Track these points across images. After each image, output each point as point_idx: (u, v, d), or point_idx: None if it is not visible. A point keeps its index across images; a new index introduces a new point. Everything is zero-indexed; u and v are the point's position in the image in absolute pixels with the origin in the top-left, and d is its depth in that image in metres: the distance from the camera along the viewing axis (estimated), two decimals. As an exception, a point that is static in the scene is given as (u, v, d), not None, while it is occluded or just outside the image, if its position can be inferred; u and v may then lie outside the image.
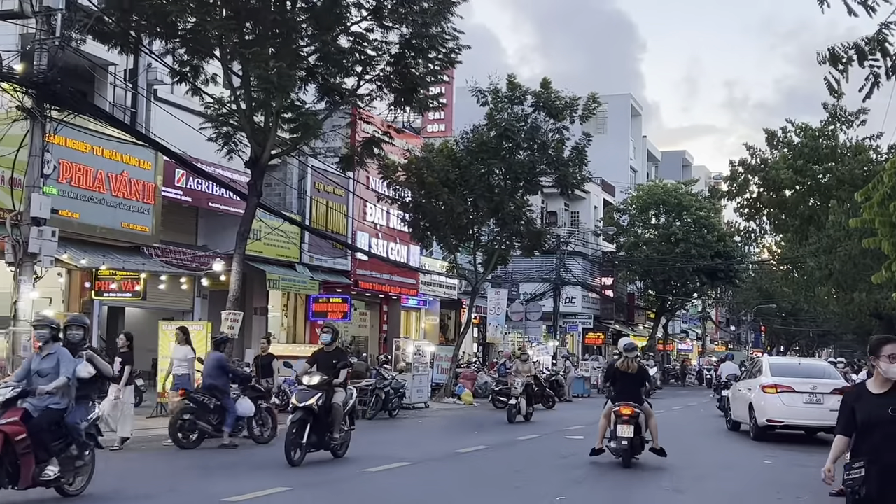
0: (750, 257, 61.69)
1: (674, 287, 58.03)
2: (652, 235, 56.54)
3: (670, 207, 55.75)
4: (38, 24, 17.26)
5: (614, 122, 66.97)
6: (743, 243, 48.10)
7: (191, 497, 11.60)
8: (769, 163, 35.70)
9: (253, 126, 22.37)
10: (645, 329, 65.01)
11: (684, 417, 27.23)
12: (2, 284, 20.81)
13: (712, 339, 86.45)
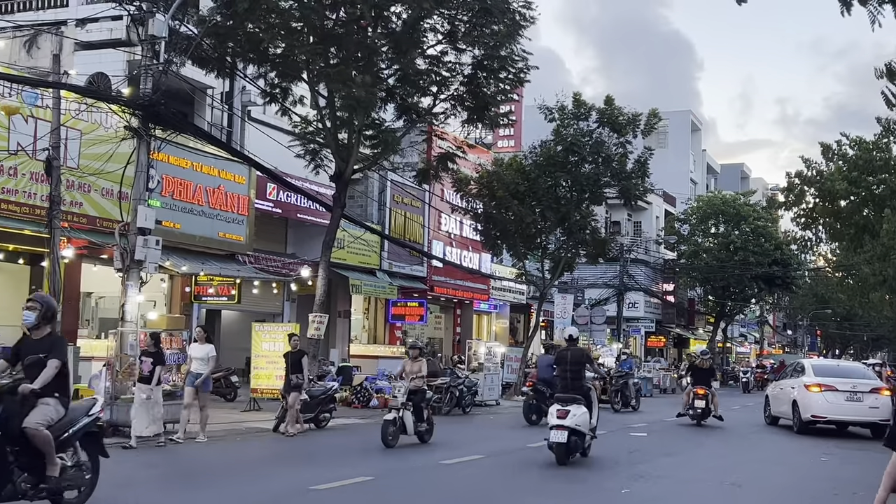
0: (806, 265, 60.41)
1: (732, 293, 56.99)
2: (711, 244, 55.65)
3: (729, 217, 54.83)
4: (143, 51, 17.59)
5: (675, 136, 66.12)
6: (799, 251, 47.02)
7: (282, 483, 11.71)
8: (825, 175, 34.81)
9: (337, 143, 22.58)
10: (705, 333, 63.93)
11: (744, 416, 26.72)
12: (111, 289, 21.35)
13: (769, 342, 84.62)
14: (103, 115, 20.85)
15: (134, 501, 10.23)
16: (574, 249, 35.17)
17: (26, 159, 19.46)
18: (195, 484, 11.60)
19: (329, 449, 16.09)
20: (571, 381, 14.70)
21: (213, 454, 14.60)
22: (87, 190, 21.19)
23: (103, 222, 21.12)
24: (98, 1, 22.47)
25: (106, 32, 22.16)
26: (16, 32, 21.88)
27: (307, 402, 18.41)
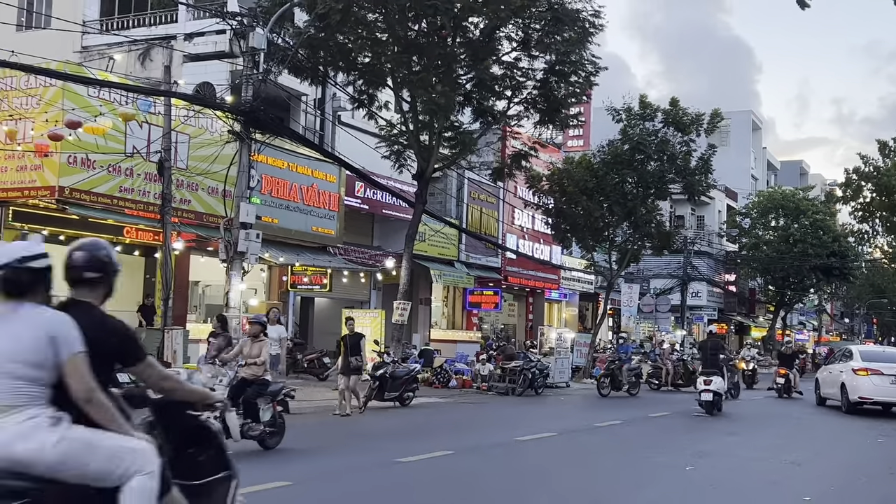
0: (863, 256, 58.64)
1: (792, 283, 55.58)
2: (771, 237, 54.39)
3: (789, 211, 53.49)
4: (244, 62, 17.98)
5: (736, 134, 64.72)
6: (856, 243, 45.85)
7: (370, 457, 11.88)
8: (881, 170, 33.90)
9: (419, 144, 22.72)
10: (765, 321, 62.57)
11: (797, 398, 26.16)
12: (216, 278, 21.88)
13: (827, 329, 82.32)
14: (209, 120, 21.39)
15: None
16: (640, 242, 34.80)
17: (141, 161, 20.06)
18: (285, 458, 11.84)
19: (412, 425, 16.25)
20: (711, 361, 19.78)
21: (304, 431, 14.87)
22: (195, 188, 21.73)
23: (209, 218, 21.64)
24: (204, 17, 23.00)
25: (211, 45, 22.57)
26: (131, 47, 22.49)
27: (393, 381, 18.61)
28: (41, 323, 3.64)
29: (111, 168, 19.58)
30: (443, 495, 9.15)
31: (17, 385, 3.56)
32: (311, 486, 9.19)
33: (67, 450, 3.56)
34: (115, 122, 18.55)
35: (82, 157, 19.02)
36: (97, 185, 19.43)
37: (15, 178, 19.14)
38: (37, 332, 3.61)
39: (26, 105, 19.14)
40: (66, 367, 3.62)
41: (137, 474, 3.70)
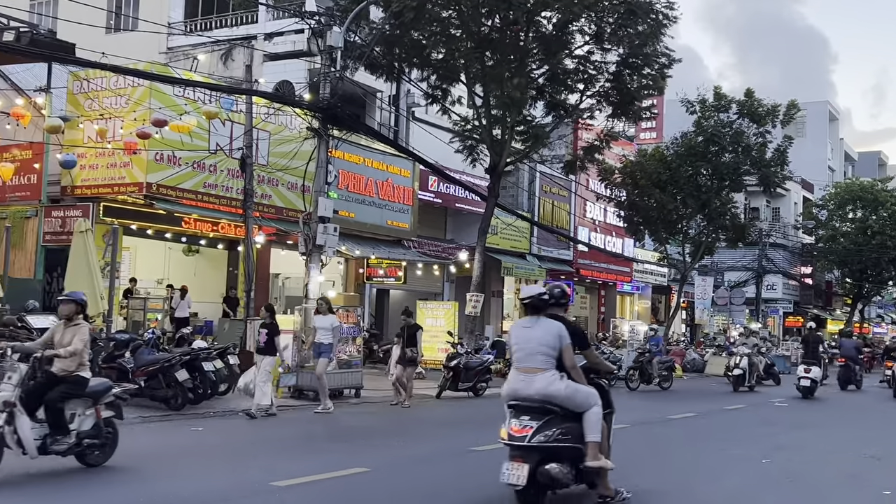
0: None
1: (870, 275, 53.82)
2: (849, 228, 52.74)
3: (866, 203, 51.83)
4: (322, 60, 18.17)
5: (812, 125, 62.90)
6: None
7: (444, 445, 11.96)
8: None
9: (492, 139, 22.68)
10: (842, 314, 60.80)
11: (873, 392, 25.42)
12: (295, 270, 22.23)
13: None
14: (288, 117, 21.72)
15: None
16: (714, 234, 34.22)
17: (224, 158, 20.49)
18: (361, 444, 11.97)
19: (486, 414, 16.22)
20: (812, 353, 22.46)
21: (379, 419, 15.01)
22: (275, 184, 22.12)
23: (289, 212, 22.01)
24: (283, 17, 23.37)
25: (290, 45, 22.94)
26: (214, 47, 22.99)
27: (466, 372, 18.65)
28: (553, 327, 7.28)
29: (196, 165, 20.06)
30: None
31: (546, 358, 7.18)
32: (388, 473, 9.28)
33: (569, 392, 7.19)
34: (200, 121, 18.98)
35: (168, 155, 19.52)
36: (183, 181, 19.91)
37: (105, 174, 19.75)
38: (551, 331, 7.24)
39: (116, 105, 19.73)
40: (563, 351, 7.24)
41: (594, 406, 7.31)
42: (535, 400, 7.13)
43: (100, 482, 8.26)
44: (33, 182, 20.02)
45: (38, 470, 8.42)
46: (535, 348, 7.17)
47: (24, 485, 8.00)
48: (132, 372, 13.60)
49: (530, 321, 7.35)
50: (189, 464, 9.60)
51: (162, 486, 7.96)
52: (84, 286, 15.02)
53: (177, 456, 10.19)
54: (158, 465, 9.37)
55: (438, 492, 8.42)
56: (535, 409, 7.11)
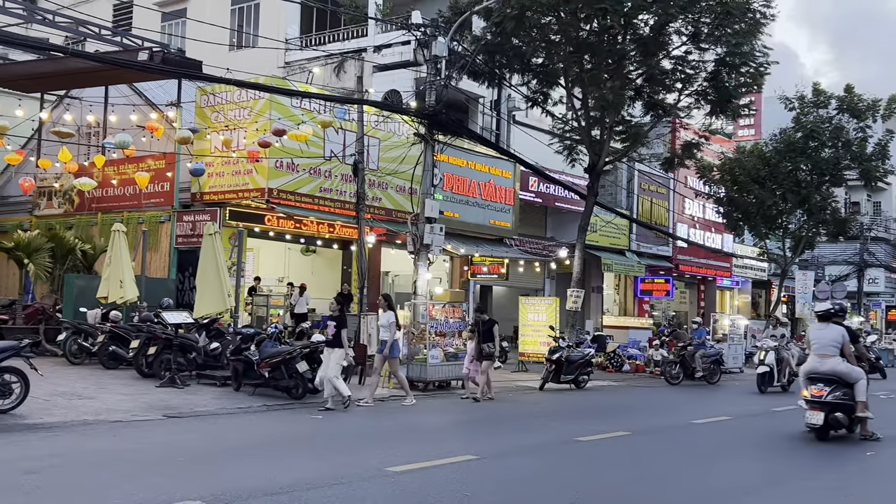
0: None
1: (975, 267, 51.04)
2: (953, 221, 50.12)
3: (972, 196, 49.11)
4: (428, 69, 18.39)
5: (917, 118, 59.81)
6: None
7: (551, 434, 11.98)
8: None
9: (591, 139, 22.52)
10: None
11: None
12: (404, 268, 22.58)
13: None
14: (397, 124, 22.09)
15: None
16: (814, 229, 33.03)
17: (337, 164, 21.00)
18: (470, 434, 12.09)
19: (588, 406, 16.20)
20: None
21: (485, 409, 15.11)
22: (385, 187, 22.50)
23: (398, 214, 22.35)
24: (391, 30, 23.76)
25: (398, 56, 23.30)
26: (327, 60, 23.56)
27: (568, 365, 18.58)
28: (838, 330, 11.42)
29: (312, 171, 20.60)
30: (627, 472, 9.10)
31: (833, 349, 11.34)
32: (496, 461, 9.38)
33: (848, 370, 11.25)
34: (315, 129, 19.51)
35: (287, 162, 20.11)
36: (300, 186, 20.49)
37: (230, 181, 20.50)
38: (837, 332, 11.39)
39: (239, 116, 20.45)
40: (844, 346, 11.31)
41: (862, 379, 11.34)
42: (826, 374, 11.32)
43: (226, 463, 8.65)
44: (166, 189, 20.96)
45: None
46: (827, 343, 11.39)
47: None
48: (257, 364, 14.08)
49: (822, 326, 11.56)
50: (309, 448, 9.93)
51: (284, 468, 8.28)
52: (213, 285, 15.70)
53: (298, 441, 10.55)
54: (281, 449, 9.73)
55: (545, 480, 8.48)
56: (827, 380, 11.26)
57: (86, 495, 6.99)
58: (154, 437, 10.29)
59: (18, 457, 8.48)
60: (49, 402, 11.86)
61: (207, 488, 7.28)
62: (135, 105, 21.18)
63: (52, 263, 20.39)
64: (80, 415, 11.15)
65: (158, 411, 11.94)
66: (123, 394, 13.36)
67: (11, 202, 25.39)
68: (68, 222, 22.71)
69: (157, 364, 15.24)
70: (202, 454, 9.15)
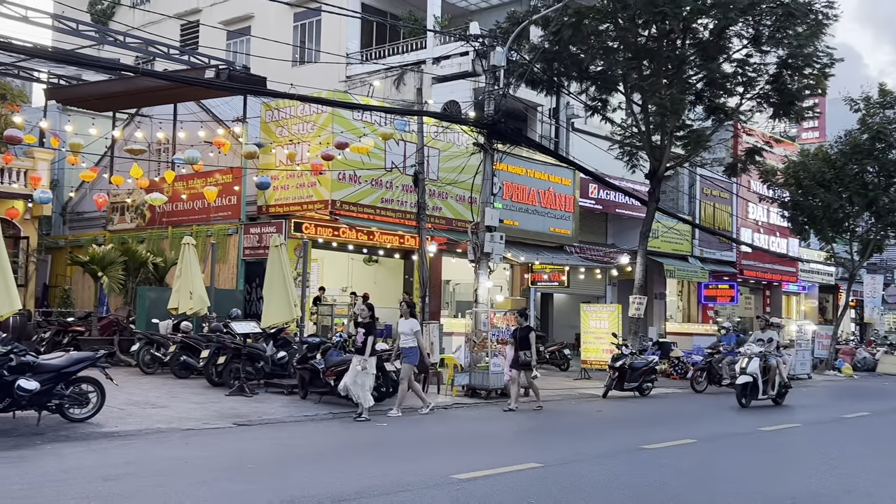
0: None
1: None
2: None
3: None
4: (486, 79, 18.36)
5: None
6: None
7: (615, 442, 11.82)
8: None
9: (651, 145, 22.24)
10: None
11: None
12: (465, 277, 22.60)
13: None
14: (456, 134, 22.14)
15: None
16: (883, 231, 31.98)
17: (398, 175, 21.14)
18: (533, 441, 11.99)
19: (653, 413, 15.94)
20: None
21: (548, 416, 14.98)
22: (445, 197, 22.57)
23: (458, 223, 22.40)
24: (449, 41, 23.86)
25: (456, 67, 23.38)
26: (387, 73, 23.76)
27: (632, 372, 18.33)
28: None
29: (374, 182, 20.78)
30: (694, 480, 8.92)
31: None
32: (562, 469, 9.28)
33: None
34: (376, 141, 19.66)
35: (350, 174, 20.32)
36: (362, 197, 20.68)
37: (295, 194, 20.80)
38: None
39: (303, 130, 20.74)
40: None
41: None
42: None
43: (294, 470, 8.73)
44: (233, 203, 21.37)
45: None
46: None
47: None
48: (323, 372, 14.20)
49: None
50: (374, 456, 9.97)
51: (351, 475, 8.32)
52: (279, 295, 15.91)
53: (363, 448, 10.60)
54: (347, 456, 9.79)
55: (610, 488, 8.36)
56: None
57: (161, 502, 7.13)
58: (224, 444, 10.46)
59: (96, 464, 8.70)
60: (124, 411, 12.15)
61: (278, 494, 7.36)
62: (202, 121, 21.65)
63: (125, 276, 20.92)
64: (153, 423, 11.40)
65: (228, 419, 12.13)
66: (194, 402, 13.62)
67: (86, 217, 26.19)
68: (140, 236, 23.31)
69: (227, 373, 15.50)
70: (271, 461, 9.26)
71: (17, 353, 10.58)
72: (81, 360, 11.19)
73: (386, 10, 27.91)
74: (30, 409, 10.70)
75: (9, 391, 10.41)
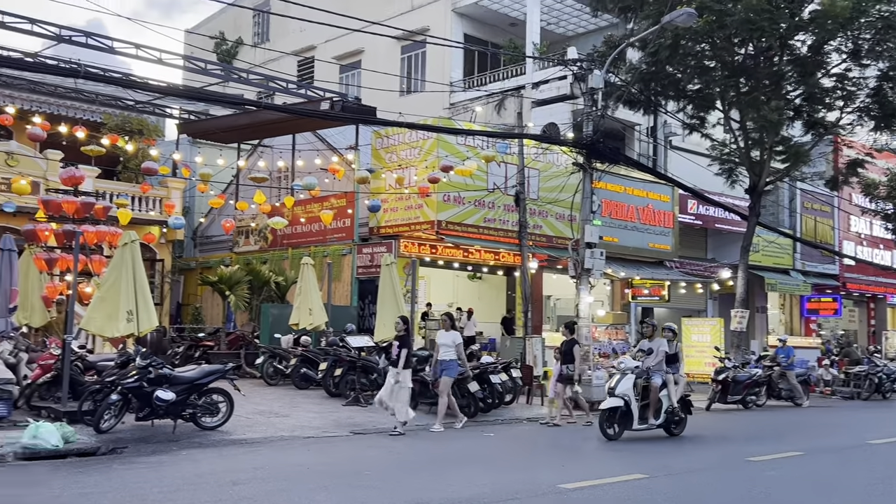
0: None
1: None
2: None
3: None
4: (584, 101, 18.21)
5: None
6: None
7: (719, 454, 11.42)
8: None
9: (750, 160, 21.54)
10: None
11: None
12: (565, 292, 22.34)
13: None
14: (555, 155, 22.02)
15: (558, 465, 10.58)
16: None
17: (500, 195, 21.16)
18: (635, 452, 11.69)
19: (757, 426, 15.33)
20: None
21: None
22: (545, 215, 22.43)
23: (558, 240, 22.20)
24: (548, 66, 23.78)
25: (554, 90, 23.24)
26: (489, 99, 23.84)
27: (735, 385, 17.69)
28: None
29: (477, 202, 20.85)
30: (803, 492, 8.50)
31: None
32: (667, 480, 9.03)
33: None
34: (479, 164, 19.75)
35: (454, 195, 20.46)
36: (466, 217, 20.77)
37: (403, 215, 21.07)
38: None
39: (410, 156, 21.04)
40: None
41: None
42: None
43: (408, 477, 8.78)
44: (347, 225, 21.83)
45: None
46: None
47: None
48: (431, 384, 14.27)
49: None
50: (484, 465, 9.93)
51: (462, 483, 8.30)
52: (390, 311, 16.11)
53: (472, 457, 10.58)
54: (458, 465, 9.78)
55: (718, 499, 8.06)
56: None
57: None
58: (342, 451, 10.63)
59: (227, 469, 8.98)
60: (250, 420, 12.51)
61: (394, 500, 7.42)
62: (318, 150, 22.27)
63: (250, 294, 21.64)
64: (277, 431, 11.70)
65: (345, 428, 12.33)
66: (314, 412, 13.91)
67: (215, 241, 27.25)
68: (263, 257, 24.08)
69: (343, 384, 15.79)
70: (386, 468, 9.36)
71: (155, 367, 11.07)
72: (212, 373, 11.61)
73: (487, 39, 28.08)
74: (166, 417, 11.15)
75: (148, 401, 10.89)
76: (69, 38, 15.94)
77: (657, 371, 12.67)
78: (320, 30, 25.69)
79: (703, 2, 18.21)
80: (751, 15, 18.11)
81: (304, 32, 30.62)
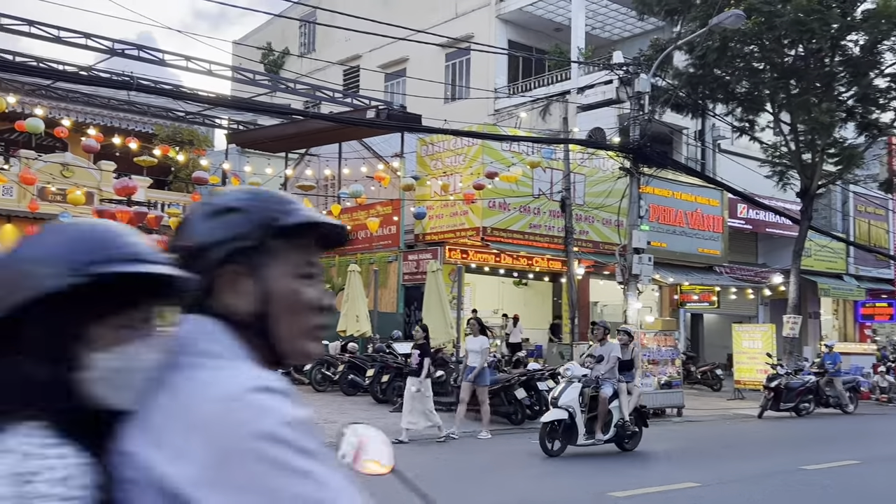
0: None
1: None
2: None
3: None
4: (631, 105, 18.06)
5: None
6: None
7: (773, 463, 11.17)
8: None
9: (802, 163, 21.12)
10: None
11: None
12: (612, 298, 22.14)
13: None
14: (601, 160, 21.86)
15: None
16: None
17: (546, 201, 21.05)
18: (688, 461, 11.51)
19: (811, 434, 14.97)
20: None
21: (703, 436, 14.36)
22: (592, 221, 22.26)
23: (605, 246, 22.02)
24: (593, 71, 23.63)
25: (600, 95, 23.10)
26: (533, 105, 23.78)
27: (787, 392, 17.32)
28: None
29: (522, 208, 20.79)
30: (858, 501, 8.30)
31: None
32: (721, 488, 8.87)
33: None
34: (524, 170, 19.69)
35: (499, 201, 20.43)
36: (512, 223, 20.72)
37: (448, 222, 21.11)
38: None
39: (455, 162, 21.07)
40: None
41: None
42: None
43: (455, 482, 8.76)
44: (393, 232, 21.93)
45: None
46: None
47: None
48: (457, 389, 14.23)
49: None
50: (526, 471, 9.87)
51: (508, 489, 8.26)
52: (436, 317, 16.13)
53: (517, 465, 10.52)
54: (503, 472, 9.73)
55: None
56: None
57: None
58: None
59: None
60: (300, 425, 12.57)
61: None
62: (364, 158, 22.42)
63: (297, 301, 21.79)
64: (326, 437, 11.73)
65: (393, 434, 12.35)
66: (362, 418, 13.96)
67: (263, 249, 27.51)
68: (310, 264, 24.25)
69: (390, 390, 15.83)
70: (435, 473, 9.34)
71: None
72: None
73: (531, 44, 28.02)
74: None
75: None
76: (122, 52, 16.33)
77: (608, 380, 11.35)
78: (365, 39, 25.88)
79: (751, 3, 17.93)
80: (800, 16, 17.79)
81: (350, 42, 30.89)
